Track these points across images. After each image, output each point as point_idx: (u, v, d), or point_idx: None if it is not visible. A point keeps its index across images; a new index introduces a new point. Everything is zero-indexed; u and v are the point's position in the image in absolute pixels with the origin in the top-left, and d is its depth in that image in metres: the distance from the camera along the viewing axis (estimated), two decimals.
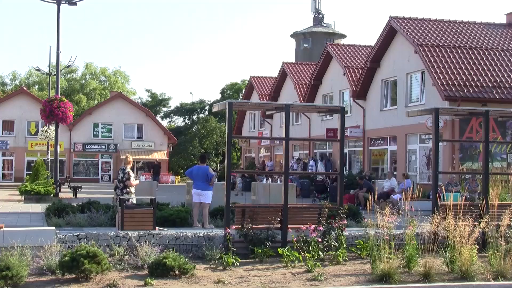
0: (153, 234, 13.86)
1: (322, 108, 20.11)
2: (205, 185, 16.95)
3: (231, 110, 14.56)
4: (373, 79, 34.76)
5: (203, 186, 16.97)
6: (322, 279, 11.73)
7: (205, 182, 16.96)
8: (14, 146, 59.63)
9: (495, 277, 12.22)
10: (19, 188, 32.12)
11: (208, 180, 17.00)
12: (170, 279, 11.48)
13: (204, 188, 16.95)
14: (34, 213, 20.86)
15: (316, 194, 30.20)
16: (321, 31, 72.63)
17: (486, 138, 16.27)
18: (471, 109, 19.94)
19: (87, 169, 63.03)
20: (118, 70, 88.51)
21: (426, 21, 33.11)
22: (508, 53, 31.22)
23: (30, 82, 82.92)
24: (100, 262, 11.34)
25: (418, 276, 12.14)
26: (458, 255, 12.40)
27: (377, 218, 13.01)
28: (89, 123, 62.72)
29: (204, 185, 16.96)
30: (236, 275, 12.02)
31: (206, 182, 16.96)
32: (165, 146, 63.76)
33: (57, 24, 31.10)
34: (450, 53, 29.96)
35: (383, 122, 33.66)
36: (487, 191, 15.43)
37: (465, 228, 12.64)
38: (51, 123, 33.66)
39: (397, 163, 32.27)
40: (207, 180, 16.97)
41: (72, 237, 13.37)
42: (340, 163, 15.99)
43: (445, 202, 14.54)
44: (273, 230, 14.11)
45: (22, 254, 11.60)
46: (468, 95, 27.99)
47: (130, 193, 16.07)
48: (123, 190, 16.05)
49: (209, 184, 17.00)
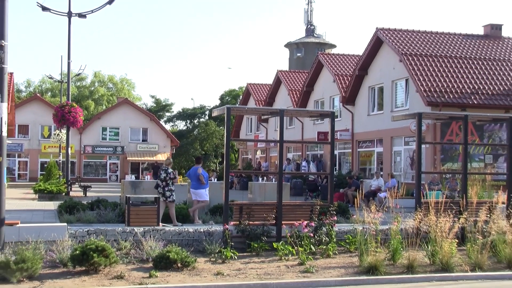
0: (157, 230, 13.91)
1: (314, 113, 20.14)
2: (197, 184, 16.91)
3: (230, 115, 14.59)
4: (361, 86, 34.77)
5: (195, 185, 16.96)
6: (313, 271, 11.77)
7: (197, 182, 16.93)
8: (29, 148, 59.55)
9: (473, 268, 12.27)
10: (33, 187, 32.05)
11: (199, 180, 16.94)
12: (173, 271, 11.50)
13: (196, 187, 16.94)
14: (47, 210, 20.84)
15: (308, 193, 30.17)
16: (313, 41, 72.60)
17: (465, 140, 16.33)
18: (451, 113, 20.01)
19: (96, 169, 62.98)
20: (125, 77, 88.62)
21: (410, 32, 33.16)
22: (485, 62, 31.29)
23: (43, 89, 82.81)
24: (108, 256, 11.36)
25: (402, 268, 12.18)
26: (439, 248, 12.45)
27: (365, 214, 13.05)
28: (98, 127, 62.68)
29: (196, 185, 16.93)
30: (234, 267, 12.05)
31: (198, 181, 16.92)
32: (168, 148, 63.71)
33: (68, 35, 31.07)
34: (432, 62, 30.00)
35: (370, 125, 33.69)
36: (466, 189, 15.50)
37: (446, 223, 12.69)
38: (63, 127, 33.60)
39: (383, 164, 32.29)
40: (198, 180, 16.93)
41: (82, 233, 13.40)
42: (331, 164, 16.02)
43: (427, 199, 14.61)
44: (268, 226, 14.15)
45: (36, 248, 11.62)
46: (449, 100, 28.03)
47: (171, 190, 16.11)
48: (165, 188, 16.07)
49: (200, 183, 16.93)
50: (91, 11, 30.75)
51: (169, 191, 16.09)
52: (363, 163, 35.37)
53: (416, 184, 15.78)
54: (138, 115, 63.86)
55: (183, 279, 10.99)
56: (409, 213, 14.38)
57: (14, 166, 59.24)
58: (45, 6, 30.00)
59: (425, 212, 13.51)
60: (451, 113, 22.60)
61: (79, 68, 45.64)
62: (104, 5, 30.31)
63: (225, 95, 79.14)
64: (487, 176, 21.45)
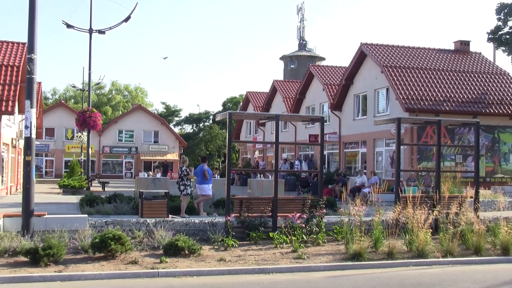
0: (167, 221, 13.90)
1: (305, 117, 20.17)
2: (201, 180, 16.86)
3: (231, 119, 14.62)
4: (347, 94, 34.79)
5: (200, 181, 16.92)
6: (305, 258, 11.78)
7: (201, 178, 16.91)
8: (54, 149, 59.47)
9: (445, 255, 12.31)
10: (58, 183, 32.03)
11: (203, 176, 16.95)
12: (181, 257, 11.51)
13: (200, 182, 16.89)
14: (70, 203, 20.83)
15: (301, 188, 30.13)
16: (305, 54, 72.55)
17: (439, 142, 16.37)
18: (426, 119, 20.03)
19: (113, 167, 62.89)
20: (138, 86, 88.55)
21: (390, 46, 33.18)
22: (455, 73, 31.34)
23: (67, 96, 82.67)
24: (124, 244, 11.37)
25: (383, 254, 12.20)
26: (416, 237, 12.47)
27: (350, 208, 13.08)
28: (115, 130, 62.61)
29: (200, 180, 16.87)
30: (235, 254, 12.06)
31: (202, 177, 16.91)
32: (176, 149, 63.67)
33: (89, 49, 31.06)
34: (410, 73, 30.04)
35: (355, 129, 33.71)
36: (439, 185, 15.52)
37: (421, 215, 12.72)
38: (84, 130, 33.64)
39: (367, 163, 32.30)
40: (203, 176, 16.93)
41: (101, 223, 13.40)
42: (320, 163, 16.04)
43: (405, 194, 14.61)
44: (265, 217, 14.15)
45: (61, 237, 11.64)
46: (424, 107, 28.05)
47: (185, 185, 16.30)
48: (180, 183, 16.35)
49: (204, 178, 16.96)
50: (109, 28, 30.78)
51: (183, 186, 16.28)
52: (349, 162, 35.40)
53: (396, 181, 15.80)
54: (150, 120, 63.84)
55: (190, 264, 11.00)
56: (389, 206, 14.42)
57: (41, 164, 59.20)
58: (69, 23, 30.04)
59: (403, 206, 13.54)
60: (426, 118, 22.63)
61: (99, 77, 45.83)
62: (121, 23, 30.38)
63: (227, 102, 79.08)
64: (458, 173, 21.54)
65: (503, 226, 13.27)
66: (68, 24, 30.02)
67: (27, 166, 12.65)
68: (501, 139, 29.98)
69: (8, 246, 11.34)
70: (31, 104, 12.50)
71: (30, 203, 12.39)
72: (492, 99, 30.13)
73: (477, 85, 30.80)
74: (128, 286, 9.33)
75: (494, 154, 29.81)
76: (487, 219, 14.78)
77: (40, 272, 10.03)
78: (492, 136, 29.78)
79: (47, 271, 10.08)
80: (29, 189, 12.45)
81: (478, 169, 16.62)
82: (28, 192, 12.45)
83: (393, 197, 15.57)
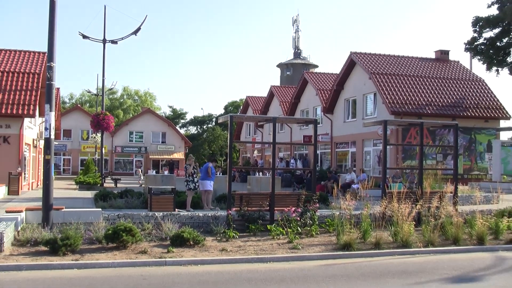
0: (174, 214, 13.89)
1: (300, 120, 20.16)
2: (204, 177, 16.88)
3: (232, 122, 14.61)
4: (338, 98, 34.80)
5: (203, 177, 16.95)
6: (300, 248, 11.78)
7: (205, 174, 16.91)
8: (71, 148, 59.46)
9: (426, 244, 12.32)
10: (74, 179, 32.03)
11: (206, 173, 16.94)
12: (186, 248, 11.51)
13: (203, 178, 16.91)
14: (86, 198, 20.82)
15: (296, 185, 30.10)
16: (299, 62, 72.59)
17: (421, 142, 16.38)
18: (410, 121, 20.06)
19: (125, 165, 62.82)
20: (148, 91, 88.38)
21: (377, 55, 33.20)
22: (436, 80, 31.37)
23: (83, 101, 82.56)
24: (135, 235, 11.37)
25: (371, 245, 12.20)
26: (400, 229, 12.48)
27: (341, 202, 13.08)
28: (126, 131, 62.56)
29: (203, 177, 16.91)
30: (236, 245, 12.06)
31: (205, 174, 16.91)
32: (182, 149, 63.60)
33: (103, 58, 31.01)
34: (395, 79, 30.07)
35: (345, 130, 33.72)
36: (422, 182, 15.54)
37: (406, 209, 12.73)
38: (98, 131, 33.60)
39: (356, 161, 32.33)
40: (206, 173, 16.93)
41: (114, 216, 13.39)
42: (314, 161, 16.05)
43: (391, 190, 14.63)
44: (263, 211, 14.15)
45: (77, 228, 11.64)
46: (408, 110, 28.09)
47: (187, 181, 16.52)
48: (185, 180, 16.59)
49: (207, 175, 16.92)
50: (121, 38, 30.73)
51: (186, 181, 16.52)
52: (340, 160, 35.42)
53: (382, 178, 15.81)
54: (158, 122, 63.80)
55: (195, 254, 11.00)
56: (377, 201, 14.44)
57: (59, 163, 59.18)
58: (85, 35, 30.03)
59: (389, 200, 13.54)
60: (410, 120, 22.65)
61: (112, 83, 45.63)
62: (132, 34, 30.37)
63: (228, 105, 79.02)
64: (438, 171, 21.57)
65: (478, 218, 13.31)
66: (84, 35, 29.99)
67: (46, 164, 12.65)
68: (477, 139, 30.04)
69: (30, 236, 11.38)
70: (50, 107, 12.50)
71: (49, 198, 12.39)
72: (469, 104, 30.20)
73: (455, 91, 30.85)
74: (138, 274, 9.34)
75: (471, 153, 29.84)
76: (465, 212, 14.81)
77: (59, 260, 10.04)
78: (469, 137, 29.82)
79: (65, 260, 10.09)
80: (49, 185, 12.45)
81: (456, 167, 16.64)
82: (47, 188, 12.45)
83: (380, 192, 15.58)
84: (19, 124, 25.62)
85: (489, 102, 30.80)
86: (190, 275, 9.37)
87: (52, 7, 12.46)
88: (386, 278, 9.22)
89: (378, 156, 30.04)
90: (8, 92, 25.86)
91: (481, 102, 30.59)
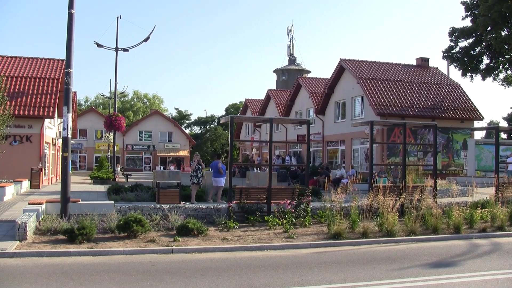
0: (179, 207, 13.88)
1: (294, 120, 20.15)
2: (217, 174, 16.81)
3: (233, 122, 14.61)
4: (329, 101, 34.82)
5: (215, 175, 16.86)
6: (294, 237, 11.79)
7: (216, 172, 16.86)
8: (86, 147, 59.47)
9: (409, 234, 12.33)
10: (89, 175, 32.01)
11: (218, 171, 16.89)
12: (191, 237, 11.51)
13: (216, 176, 16.82)
14: (100, 192, 20.80)
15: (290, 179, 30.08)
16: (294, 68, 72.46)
17: (404, 141, 16.39)
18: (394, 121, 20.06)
19: (135, 162, 62.73)
20: (156, 94, 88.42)
21: (364, 62, 33.21)
22: (417, 84, 31.39)
23: (97, 103, 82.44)
24: (144, 225, 11.37)
25: (359, 234, 12.21)
26: (385, 220, 12.49)
27: (332, 195, 13.09)
28: (136, 131, 62.49)
29: (216, 174, 16.81)
30: (236, 234, 12.06)
31: (217, 172, 16.86)
32: (187, 147, 63.56)
33: (115, 64, 31.05)
34: (381, 84, 30.08)
35: (336, 130, 33.74)
36: (405, 176, 15.55)
37: (390, 201, 12.74)
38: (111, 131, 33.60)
39: (345, 158, 32.36)
40: (217, 171, 16.88)
41: (125, 208, 13.39)
42: (307, 158, 16.06)
43: (377, 184, 14.65)
44: (261, 204, 14.15)
45: (92, 219, 11.63)
46: (392, 112, 28.10)
47: (191, 176, 16.50)
48: (192, 175, 16.53)
49: (219, 173, 16.90)
50: (132, 47, 30.72)
51: (190, 176, 16.51)
52: (330, 157, 35.45)
53: (369, 173, 15.82)
54: (165, 122, 63.74)
55: (199, 242, 11.00)
56: (364, 194, 14.46)
57: (76, 159, 59.18)
58: (99, 43, 30.02)
59: (376, 194, 13.55)
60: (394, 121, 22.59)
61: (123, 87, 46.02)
62: (141, 42, 30.31)
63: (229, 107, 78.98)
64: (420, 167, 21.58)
65: (455, 210, 13.36)
66: (98, 44, 29.96)
67: (64, 161, 12.63)
68: (454, 138, 30.08)
69: (50, 226, 11.41)
70: (67, 109, 12.49)
71: (67, 191, 12.38)
72: (447, 106, 30.24)
73: (435, 94, 30.87)
74: (147, 261, 9.34)
75: (448, 151, 29.89)
76: (443, 204, 14.81)
77: (76, 248, 10.04)
78: (447, 136, 29.86)
79: (81, 247, 10.08)
80: (66, 180, 12.44)
81: (436, 163, 16.65)
82: (65, 182, 12.44)
83: (367, 186, 15.59)
84: (39, 125, 25.66)
85: (464, 105, 30.86)
86: (195, 261, 9.37)
87: (70, 19, 12.43)
88: (372, 264, 9.23)
89: (365, 154, 30.07)
90: (30, 95, 26.08)
91: (457, 104, 30.64)
